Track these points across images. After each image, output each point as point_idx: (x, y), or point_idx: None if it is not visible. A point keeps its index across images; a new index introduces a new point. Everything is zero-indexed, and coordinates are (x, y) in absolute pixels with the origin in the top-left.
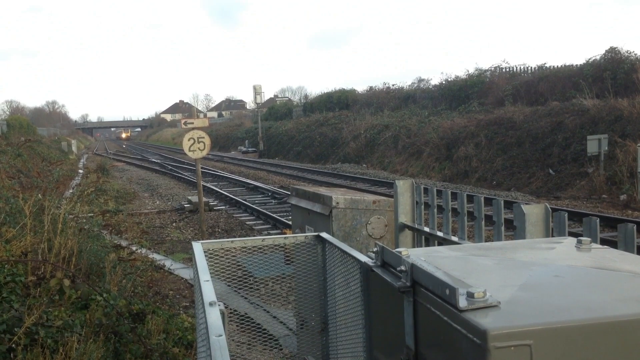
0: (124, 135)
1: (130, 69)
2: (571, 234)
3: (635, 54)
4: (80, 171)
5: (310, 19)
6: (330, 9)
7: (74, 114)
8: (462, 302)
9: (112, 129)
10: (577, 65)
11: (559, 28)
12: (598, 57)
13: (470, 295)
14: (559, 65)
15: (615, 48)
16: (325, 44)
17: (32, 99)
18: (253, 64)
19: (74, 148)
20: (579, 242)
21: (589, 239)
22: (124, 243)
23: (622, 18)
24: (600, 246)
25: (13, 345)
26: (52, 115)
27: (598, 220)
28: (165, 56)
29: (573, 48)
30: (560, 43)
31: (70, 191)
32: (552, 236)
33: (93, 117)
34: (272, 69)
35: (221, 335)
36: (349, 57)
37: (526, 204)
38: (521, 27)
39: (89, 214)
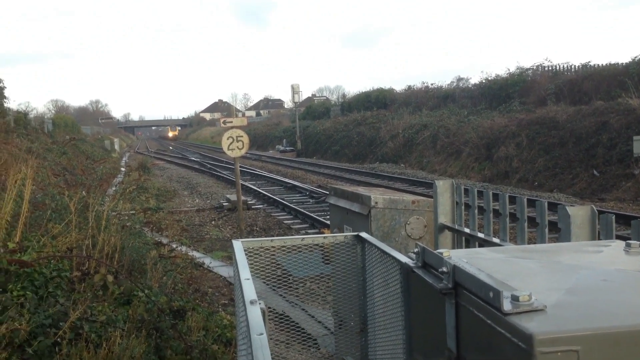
0: (170, 134)
1: (170, 69)
2: (618, 237)
3: None
4: (123, 169)
5: (343, 18)
6: (364, 8)
7: (117, 113)
8: (507, 306)
9: (153, 128)
10: (622, 63)
11: (604, 26)
12: None
13: (515, 299)
14: (604, 64)
15: None
16: (359, 43)
17: (77, 99)
18: (291, 64)
19: (116, 146)
20: (628, 245)
21: (638, 242)
22: (164, 240)
23: None
24: None
25: (58, 339)
26: (95, 114)
27: None
28: (203, 56)
29: (618, 46)
30: (606, 41)
31: (113, 189)
32: (599, 239)
33: (135, 116)
34: (309, 68)
35: (262, 334)
36: (386, 55)
37: (570, 205)
38: (565, 25)
39: (131, 212)
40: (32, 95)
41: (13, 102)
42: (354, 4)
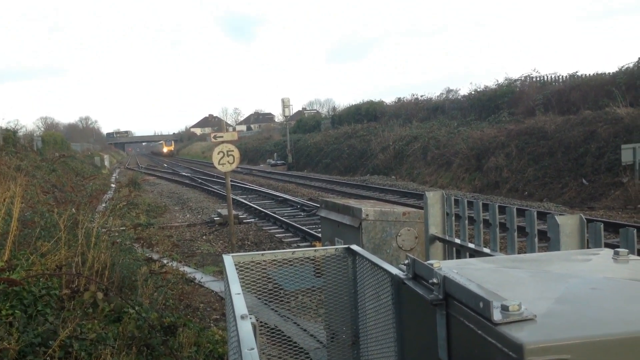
0: (165, 150)
1: (160, 84)
2: (607, 245)
3: None
4: (113, 185)
5: (330, 31)
6: (352, 21)
7: (107, 129)
8: (497, 315)
9: (144, 143)
10: (609, 73)
11: (591, 35)
12: (631, 65)
13: (505, 309)
14: (591, 74)
15: None
16: (348, 56)
17: (66, 116)
18: (281, 78)
19: (106, 163)
20: (616, 253)
21: (627, 250)
22: (155, 256)
23: None
24: (638, 257)
25: (48, 358)
26: (85, 131)
27: (635, 231)
28: (193, 71)
29: (605, 56)
30: (592, 51)
31: (103, 205)
32: (588, 247)
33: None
34: (299, 82)
35: (253, 349)
36: (376, 68)
37: (560, 214)
38: (552, 35)
39: (121, 228)
40: (21, 113)
41: (2, 120)
42: (341, 17)
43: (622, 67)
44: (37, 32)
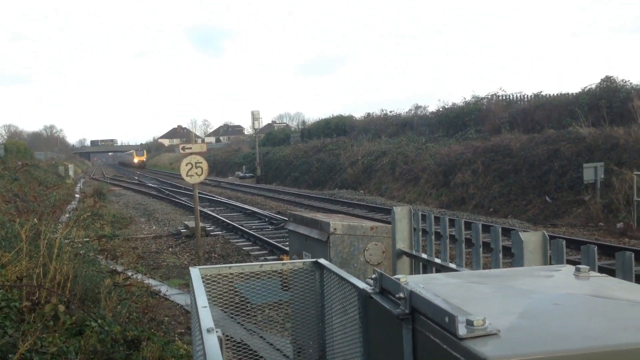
0: (136, 160)
1: (127, 95)
2: (569, 262)
3: (630, 83)
4: (77, 196)
5: (300, 45)
6: (320, 36)
7: (72, 139)
8: (462, 330)
9: (110, 154)
10: (573, 93)
11: (555, 57)
12: (594, 86)
13: (469, 323)
14: (555, 94)
15: (610, 77)
16: (317, 70)
17: (31, 124)
18: (250, 91)
19: (70, 172)
20: (578, 270)
21: (588, 267)
22: (119, 268)
23: (617, 47)
24: (598, 274)
25: None
26: (49, 140)
27: (596, 248)
28: (161, 82)
29: (569, 77)
30: (557, 72)
31: (67, 216)
32: (550, 264)
33: (90, 142)
34: (269, 95)
35: None
36: (345, 84)
37: (524, 231)
38: (518, 55)
39: (85, 239)
40: None
41: None
42: (309, 32)
43: (585, 87)
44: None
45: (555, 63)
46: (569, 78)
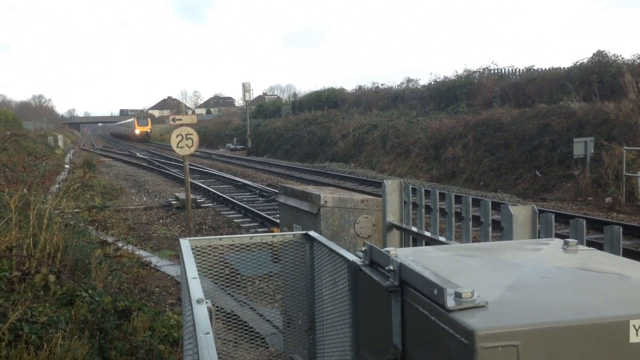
0: (137, 132)
1: (116, 65)
2: (558, 236)
3: (622, 58)
4: (67, 166)
5: (289, 16)
6: (310, 6)
7: (61, 109)
8: (450, 302)
9: (100, 124)
10: (564, 68)
11: (547, 31)
12: (585, 61)
13: (458, 296)
14: (547, 68)
15: (602, 52)
16: (307, 42)
17: (19, 93)
18: (242, 62)
19: (60, 143)
20: (566, 243)
21: (576, 240)
22: (110, 239)
23: (609, 21)
24: (586, 248)
25: None
26: (38, 110)
27: (584, 222)
28: (151, 54)
29: (561, 51)
30: (549, 46)
31: (57, 186)
32: (539, 237)
33: (80, 112)
34: (260, 67)
35: (208, 333)
36: (337, 56)
37: (513, 205)
38: (510, 29)
39: (75, 210)
40: None
41: None
42: (298, 1)
43: (577, 62)
44: None
45: (548, 37)
46: (561, 52)
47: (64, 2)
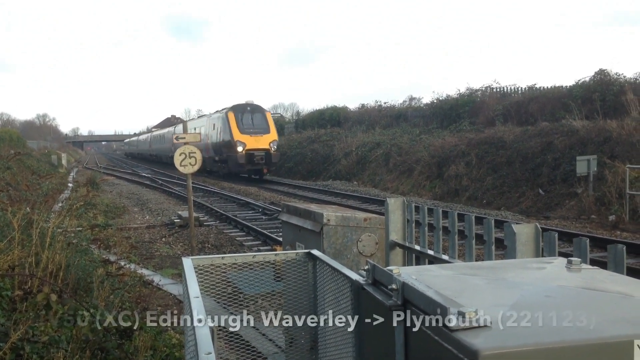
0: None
1: (121, 84)
2: (561, 254)
3: (624, 76)
4: (70, 185)
5: (288, 35)
6: (309, 25)
7: (65, 128)
8: (454, 322)
9: (103, 143)
10: (566, 86)
11: (549, 49)
12: (587, 79)
13: (461, 315)
14: (549, 86)
15: (604, 70)
16: (309, 60)
17: (23, 112)
18: (245, 81)
19: (64, 161)
20: (569, 262)
21: (579, 259)
22: (112, 258)
23: (611, 40)
24: (590, 267)
25: None
26: (42, 129)
27: (588, 241)
28: (156, 73)
29: (563, 69)
30: (551, 64)
31: (60, 205)
32: (543, 256)
33: (84, 131)
34: (264, 85)
35: (210, 353)
36: (341, 74)
37: (516, 223)
38: (512, 48)
39: (78, 228)
40: None
41: None
42: (299, 20)
43: (579, 80)
44: None
45: (550, 56)
46: (563, 71)
47: (68, 25)
